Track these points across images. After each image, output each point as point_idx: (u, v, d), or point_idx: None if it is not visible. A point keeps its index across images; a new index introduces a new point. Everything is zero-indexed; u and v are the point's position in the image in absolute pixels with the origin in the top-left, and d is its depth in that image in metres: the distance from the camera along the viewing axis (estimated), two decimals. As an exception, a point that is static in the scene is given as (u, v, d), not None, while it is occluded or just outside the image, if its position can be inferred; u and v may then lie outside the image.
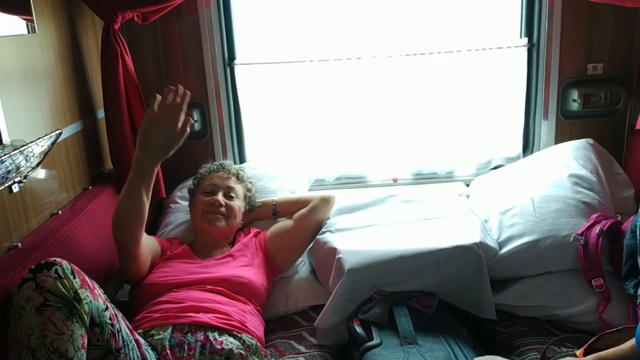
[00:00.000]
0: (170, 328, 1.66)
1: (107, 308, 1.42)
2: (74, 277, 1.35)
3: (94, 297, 1.38)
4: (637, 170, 2.33)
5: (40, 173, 1.73)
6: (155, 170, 1.79)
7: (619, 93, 2.42)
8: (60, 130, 1.58)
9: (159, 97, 1.78)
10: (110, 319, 1.42)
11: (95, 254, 1.85)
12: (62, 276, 1.33)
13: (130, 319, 1.75)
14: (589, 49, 2.43)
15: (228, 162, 2.24)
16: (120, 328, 1.45)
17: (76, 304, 1.32)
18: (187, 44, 2.45)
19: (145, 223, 1.79)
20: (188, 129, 1.81)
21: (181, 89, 1.81)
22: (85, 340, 1.34)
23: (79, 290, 1.34)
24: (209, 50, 2.44)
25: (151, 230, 2.33)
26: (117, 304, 2.02)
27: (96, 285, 1.44)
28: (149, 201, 1.79)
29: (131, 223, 1.76)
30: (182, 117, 1.79)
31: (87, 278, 1.40)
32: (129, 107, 2.15)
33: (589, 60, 2.44)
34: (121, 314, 1.51)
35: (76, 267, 1.38)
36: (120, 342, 1.43)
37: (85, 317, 1.34)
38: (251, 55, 2.54)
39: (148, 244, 1.91)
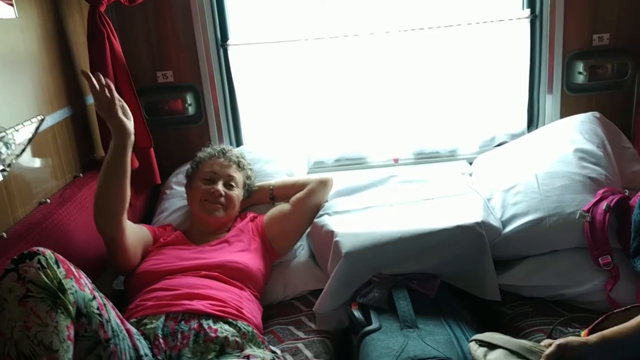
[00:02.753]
0: (164, 316, 1.62)
1: (94, 297, 1.38)
2: (58, 267, 1.31)
3: (80, 287, 1.34)
4: (646, 144, 2.26)
5: (27, 161, 1.69)
6: (127, 156, 1.74)
7: (626, 64, 2.34)
8: (42, 116, 1.54)
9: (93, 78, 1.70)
10: (98, 308, 1.38)
11: (87, 243, 1.80)
12: (45, 266, 1.28)
13: (125, 308, 1.71)
14: (594, 19, 2.34)
15: (229, 148, 2.18)
16: (109, 318, 1.41)
17: (60, 294, 1.28)
18: (178, 25, 2.39)
19: (125, 211, 1.74)
20: (120, 115, 1.73)
21: (103, 79, 1.72)
22: (72, 332, 1.30)
23: (63, 280, 1.29)
24: (201, 31, 2.38)
25: (147, 218, 2.29)
26: (113, 293, 2.01)
27: (83, 275, 1.39)
28: (127, 188, 1.75)
29: (113, 209, 1.71)
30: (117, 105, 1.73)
31: (72, 267, 1.36)
32: (119, 92, 2.08)
33: (595, 31, 2.36)
34: (111, 304, 1.47)
35: (61, 257, 1.34)
36: (110, 332, 1.39)
37: (71, 308, 1.29)
38: (245, 35, 2.47)
39: (137, 233, 1.87)
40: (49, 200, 1.75)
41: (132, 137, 1.76)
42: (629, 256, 1.76)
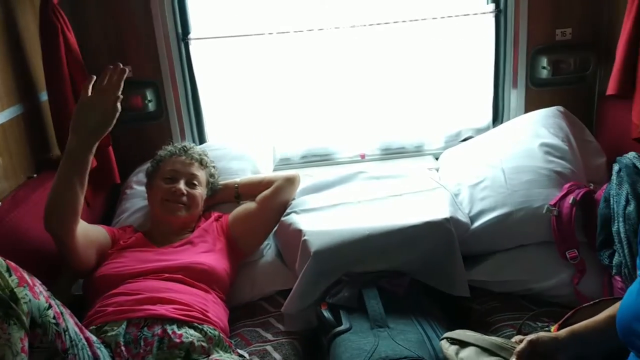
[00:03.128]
0: (125, 323, 1.55)
1: (50, 306, 1.30)
2: (10, 275, 1.22)
3: (34, 295, 1.26)
4: (608, 137, 2.28)
5: (-25, 164, 1.59)
6: (91, 156, 1.67)
7: (588, 59, 2.36)
8: (-10, 114, 1.44)
9: (93, 77, 1.67)
10: (54, 317, 1.30)
11: (42, 246, 1.71)
12: (-4, 274, 1.20)
13: (85, 315, 1.64)
14: (557, 14, 2.35)
15: (190, 145, 2.11)
16: (67, 327, 1.33)
17: (12, 304, 1.19)
18: (137, 19, 2.29)
19: (80, 213, 1.67)
20: (119, 107, 1.69)
21: (120, 66, 1.68)
22: (26, 343, 1.21)
23: (15, 289, 1.21)
24: (161, 25, 2.29)
25: (107, 219, 2.21)
26: (72, 298, 1.92)
27: (37, 282, 1.31)
28: (84, 190, 1.67)
29: (64, 214, 1.64)
30: (118, 96, 1.67)
31: (25, 275, 1.28)
32: (74, 89, 2.00)
33: (558, 26, 2.37)
34: (69, 311, 1.39)
35: (12, 264, 1.25)
36: (68, 342, 1.31)
37: (25, 318, 1.21)
38: (207, 29, 2.40)
39: (90, 235, 1.79)
40: (0, 203, 1.66)
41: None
42: (595, 249, 1.78)
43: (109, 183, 2.19)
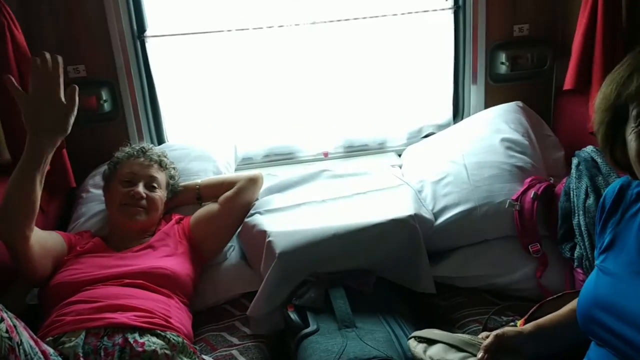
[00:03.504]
0: (84, 332, 1.49)
1: (1, 319, 1.23)
2: (-43, 289, 1.16)
3: (-16, 309, 1.20)
4: (565, 132, 2.33)
5: None
6: (50, 156, 1.61)
7: (545, 54, 2.40)
8: None
9: (10, 77, 1.58)
10: (7, 331, 1.23)
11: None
12: (-59, 288, 1.13)
13: (40, 325, 1.57)
14: (515, 10, 2.38)
15: (149, 147, 2.05)
16: (20, 340, 1.26)
17: (-40, 319, 1.13)
18: (90, 16, 2.20)
19: (34, 219, 1.61)
20: (77, 98, 1.63)
21: (48, 54, 1.58)
22: (-24, 360, 1.16)
23: (-38, 304, 1.15)
24: (115, 22, 2.21)
25: (63, 225, 2.12)
26: (27, 308, 1.84)
27: (-13, 295, 1.25)
28: (39, 194, 1.61)
29: (18, 220, 1.57)
30: (61, 86, 1.60)
31: (-26, 288, 1.21)
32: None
33: (515, 22, 2.40)
34: (23, 324, 1.33)
35: (-41, 277, 1.19)
36: (22, 356, 1.25)
37: (-26, 334, 1.15)
38: (164, 26, 2.33)
39: (45, 242, 1.72)
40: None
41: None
42: (557, 242, 1.81)
43: (64, 187, 2.11)
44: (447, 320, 1.79)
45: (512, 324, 1.52)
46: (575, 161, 1.80)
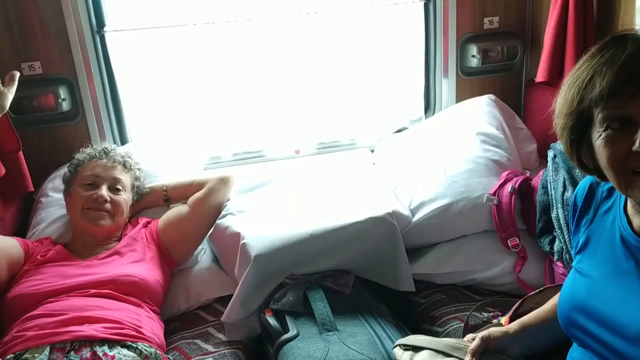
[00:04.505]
0: (48, 348, 1.41)
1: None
2: None
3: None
4: (536, 124, 2.32)
5: None
6: None
7: (515, 47, 2.38)
8: None
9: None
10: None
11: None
12: None
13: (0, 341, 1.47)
14: (484, 3, 2.36)
15: (112, 147, 1.96)
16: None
17: None
18: (44, 10, 2.07)
19: None
20: (16, 80, 1.65)
21: None
22: None
23: None
24: (72, 16, 2.09)
25: (20, 231, 2.00)
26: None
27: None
28: None
29: None
30: None
31: None
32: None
33: (485, 14, 2.37)
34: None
35: None
36: (-19, 378, 1.16)
37: None
38: (124, 20, 2.22)
39: None
40: None
41: None
42: (535, 236, 1.79)
43: (21, 192, 1.98)
44: (427, 318, 1.76)
45: (497, 321, 1.50)
46: (551, 154, 1.79)
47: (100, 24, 2.18)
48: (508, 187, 1.83)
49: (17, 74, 1.66)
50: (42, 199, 2.04)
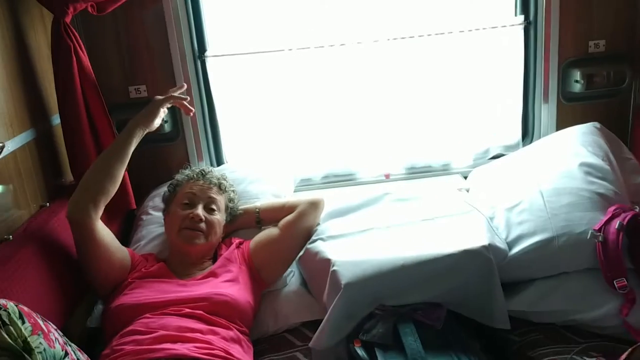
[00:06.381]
0: (143, 364, 1.45)
1: (66, 354, 1.20)
2: (23, 322, 1.13)
3: (49, 343, 1.16)
4: (645, 154, 2.17)
5: (-16, 194, 1.49)
6: (137, 139, 1.82)
7: (623, 71, 2.25)
8: (2, 144, 1.35)
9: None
10: (70, 367, 1.20)
11: (56, 281, 1.61)
12: (8, 322, 1.10)
13: (100, 353, 1.54)
14: (590, 25, 2.26)
15: (209, 169, 2.02)
16: (83, 376, 1.23)
17: (26, 355, 1.10)
18: (151, 36, 2.21)
19: (106, 200, 1.71)
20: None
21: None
22: (41, 396, 1.12)
23: (28, 338, 1.12)
24: (177, 42, 2.20)
25: (122, 246, 2.10)
26: (87, 332, 1.83)
27: (52, 328, 1.22)
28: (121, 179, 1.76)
29: (93, 189, 1.68)
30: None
31: (39, 320, 1.18)
32: (88, 110, 1.91)
33: (591, 38, 2.27)
34: (85, 356, 1.30)
35: (25, 309, 1.16)
36: (84, 392, 1.22)
37: (39, 370, 1.12)
38: (224, 46, 2.30)
39: (112, 241, 1.76)
40: (11, 237, 1.55)
41: (149, 125, 1.85)
42: (645, 278, 1.66)
43: (124, 209, 2.09)
44: (523, 358, 1.67)
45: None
46: (663, 188, 1.66)
47: (202, 49, 2.28)
48: (615, 224, 1.71)
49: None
50: (142, 216, 2.14)
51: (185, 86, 2.00)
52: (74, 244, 1.69)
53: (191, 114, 1.98)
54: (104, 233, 1.71)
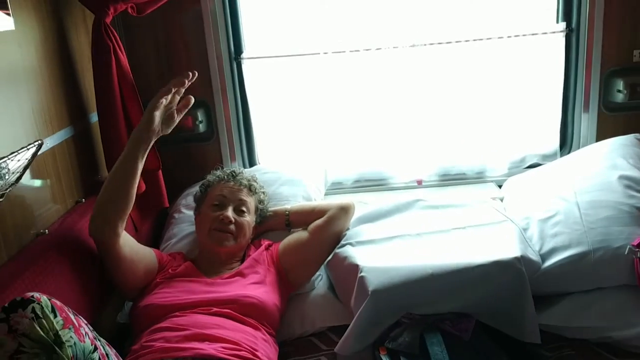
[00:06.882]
0: (171, 361, 1.46)
1: (95, 349, 1.22)
2: (55, 316, 1.15)
3: (79, 338, 1.18)
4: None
5: (23, 189, 1.53)
6: (148, 148, 1.67)
7: (668, 82, 2.18)
8: (40, 141, 1.38)
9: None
10: (99, 361, 1.22)
11: (88, 276, 1.64)
12: (41, 316, 1.13)
13: (130, 348, 1.56)
14: (635, 33, 2.19)
15: (240, 171, 2.03)
16: (112, 370, 1.25)
17: (57, 348, 1.12)
18: (189, 38, 2.24)
19: (127, 214, 1.64)
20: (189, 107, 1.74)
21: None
22: (70, 389, 1.14)
23: (60, 332, 1.14)
24: (214, 44, 2.23)
25: (154, 244, 2.14)
26: (117, 327, 1.86)
27: (83, 322, 1.24)
28: (136, 190, 1.66)
29: (110, 209, 1.61)
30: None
31: (71, 314, 1.20)
32: (125, 109, 1.94)
33: (635, 46, 2.20)
34: (114, 351, 1.32)
35: (58, 303, 1.18)
36: (112, 386, 1.24)
37: (69, 363, 1.14)
38: (260, 48, 2.32)
39: (137, 249, 1.75)
40: (47, 231, 1.60)
41: (150, 135, 1.66)
42: (685, 297, 1.60)
43: (158, 207, 2.12)
44: (554, 375, 1.62)
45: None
46: None
47: (238, 51, 2.30)
48: (655, 240, 1.66)
49: (192, 101, 1.75)
50: (175, 214, 2.17)
51: (190, 75, 1.75)
52: (102, 259, 1.69)
53: (191, 102, 1.77)
54: (127, 249, 1.68)
